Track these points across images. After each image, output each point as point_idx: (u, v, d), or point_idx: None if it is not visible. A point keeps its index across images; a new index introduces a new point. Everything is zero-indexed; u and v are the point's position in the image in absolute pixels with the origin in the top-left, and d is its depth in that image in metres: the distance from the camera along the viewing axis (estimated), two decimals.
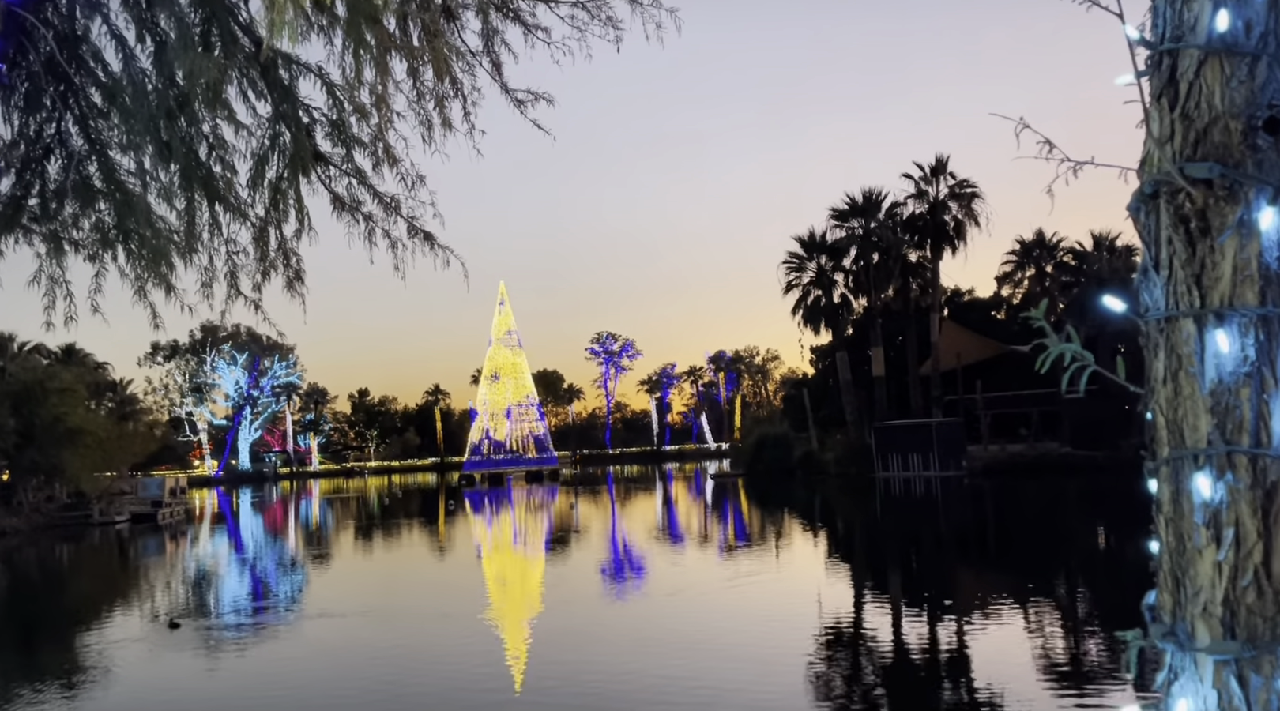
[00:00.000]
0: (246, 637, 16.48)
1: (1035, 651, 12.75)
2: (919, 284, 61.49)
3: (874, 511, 38.93)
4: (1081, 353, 1.55)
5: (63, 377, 54.74)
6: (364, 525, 44.53)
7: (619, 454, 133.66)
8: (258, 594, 22.69)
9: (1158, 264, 1.44)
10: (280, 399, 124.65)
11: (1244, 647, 1.29)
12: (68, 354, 75.62)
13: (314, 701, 11.39)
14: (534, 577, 23.32)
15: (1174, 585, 1.41)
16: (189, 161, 6.75)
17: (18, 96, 6.69)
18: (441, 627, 16.33)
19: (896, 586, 19.72)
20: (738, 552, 25.73)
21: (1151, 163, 1.44)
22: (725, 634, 14.28)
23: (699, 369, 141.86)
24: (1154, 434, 1.46)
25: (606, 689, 11.25)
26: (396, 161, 7.20)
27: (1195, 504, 1.36)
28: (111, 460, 56.80)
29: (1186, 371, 1.39)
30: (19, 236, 7.72)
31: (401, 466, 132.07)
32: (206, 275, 7.42)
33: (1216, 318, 1.35)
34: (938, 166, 58.75)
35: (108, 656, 15.02)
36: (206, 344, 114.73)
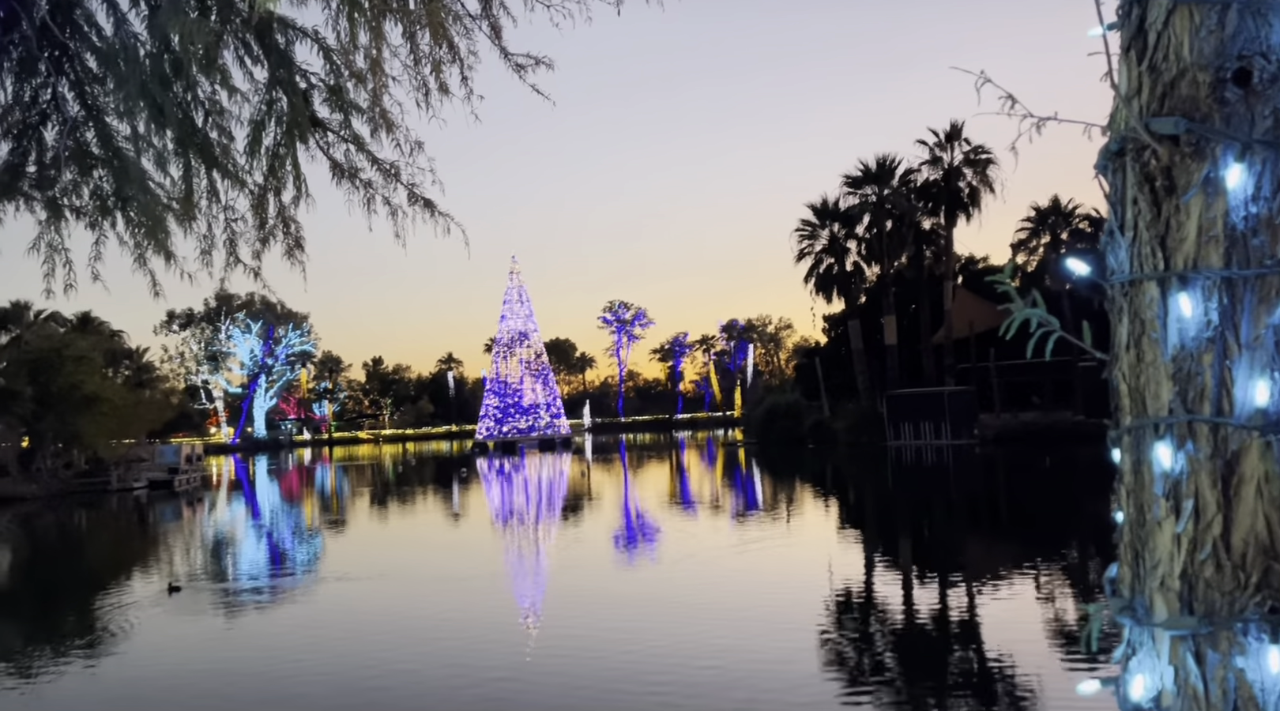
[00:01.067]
0: (261, 601, 16.65)
1: (1046, 619, 12.75)
2: (933, 251, 61.03)
3: (885, 479, 38.93)
4: (1047, 318, 1.50)
5: (79, 345, 55.13)
6: (379, 492, 44.87)
7: (631, 422, 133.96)
8: (275, 558, 22.92)
9: (1123, 225, 1.38)
10: (295, 367, 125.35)
11: (1201, 623, 1.24)
12: (83, 322, 76.11)
13: (324, 664, 11.51)
14: (546, 543, 23.46)
15: (1133, 558, 1.37)
16: (185, 128, 6.69)
17: (11, 61, 6.64)
18: (455, 590, 16.46)
19: (907, 554, 19.73)
20: (748, 520, 25.79)
21: (1118, 119, 1.38)
22: (735, 599, 14.35)
23: (711, 337, 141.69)
24: (1117, 402, 1.41)
25: (616, 651, 11.33)
26: (393, 127, 7.11)
27: (1155, 474, 1.32)
28: (128, 427, 57.30)
29: (1149, 337, 1.33)
30: (19, 203, 7.71)
31: (415, 434, 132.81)
32: (205, 242, 7.39)
33: (1180, 281, 1.29)
34: (952, 133, 58.09)
35: (112, 619, 15.22)
36: (221, 312, 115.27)
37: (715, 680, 9.93)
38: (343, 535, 27.91)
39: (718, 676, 10.07)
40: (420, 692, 10.12)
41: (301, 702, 10.04)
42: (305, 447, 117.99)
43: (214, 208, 7.50)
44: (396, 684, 10.45)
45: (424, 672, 10.91)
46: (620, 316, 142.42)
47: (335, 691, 10.30)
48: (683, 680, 9.98)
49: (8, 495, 42.88)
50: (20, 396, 46.46)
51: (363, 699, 9.92)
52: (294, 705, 9.99)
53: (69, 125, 6.81)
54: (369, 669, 11.13)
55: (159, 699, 10.50)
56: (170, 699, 10.47)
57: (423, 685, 10.41)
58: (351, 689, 10.33)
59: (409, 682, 10.51)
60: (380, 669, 11.11)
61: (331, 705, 9.85)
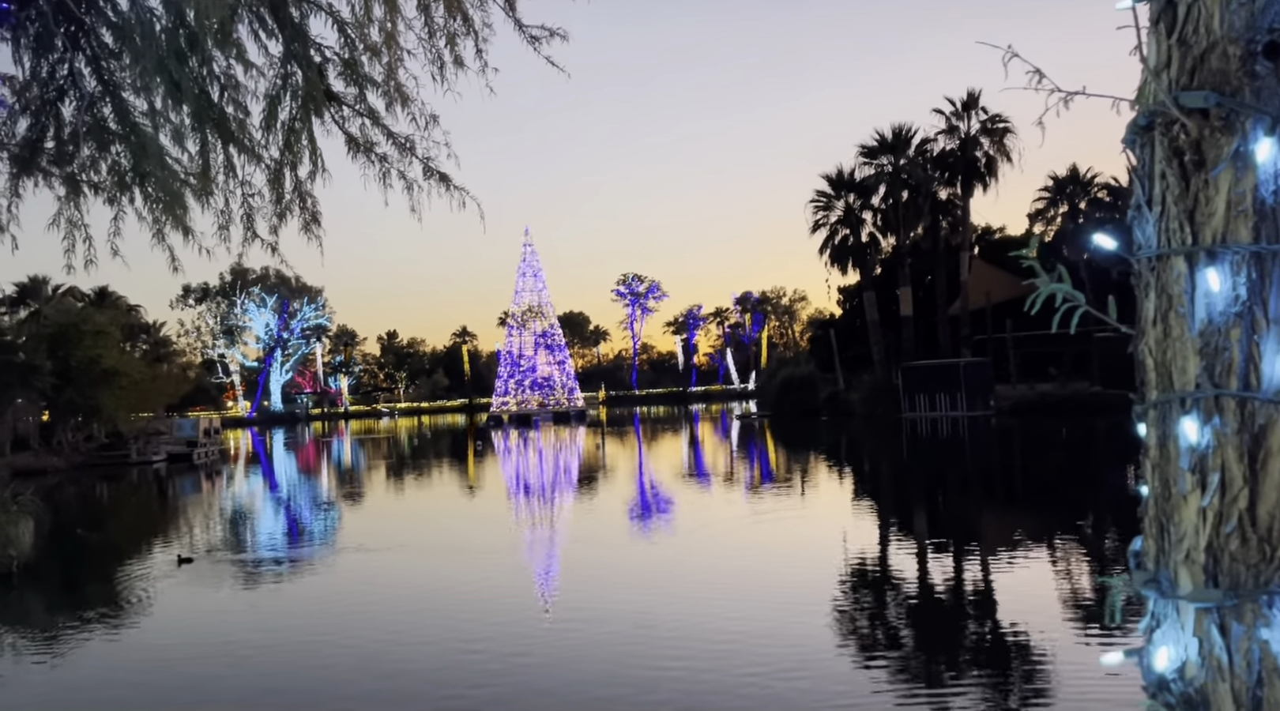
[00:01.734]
0: (279, 571, 16.84)
1: (1061, 590, 12.78)
2: (949, 222, 60.62)
3: (899, 451, 38.93)
4: (1072, 292, 1.50)
5: (96, 320, 55.54)
6: (395, 464, 45.21)
7: (645, 395, 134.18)
8: (293, 530, 23.17)
9: (1150, 200, 1.38)
10: (310, 341, 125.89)
11: (1226, 595, 1.25)
12: (101, 297, 76.55)
13: (340, 636, 11.66)
14: (561, 514, 23.62)
15: (1158, 531, 1.38)
16: (201, 103, 6.71)
17: (28, 37, 6.65)
18: (472, 561, 16.62)
19: (921, 526, 19.77)
20: (763, 491, 25.88)
21: (1147, 92, 1.37)
22: (749, 570, 14.43)
23: (725, 310, 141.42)
24: (1143, 376, 1.42)
25: (630, 621, 11.43)
26: (408, 100, 7.11)
27: (1181, 448, 1.32)
28: (147, 401, 57.83)
29: (1176, 312, 1.33)
30: (38, 179, 7.76)
31: (430, 407, 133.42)
32: (223, 217, 7.44)
33: (1208, 255, 1.29)
34: (969, 101, 57.49)
35: (127, 589, 15.44)
36: (236, 286, 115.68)
37: (730, 652, 10.02)
38: (360, 507, 28.16)
39: (732, 649, 10.15)
40: (440, 666, 10.25)
41: (319, 675, 10.18)
42: (321, 421, 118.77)
43: (231, 183, 7.53)
44: (414, 655, 10.59)
45: (442, 645, 11.05)
46: (634, 289, 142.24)
47: (356, 663, 10.44)
48: (697, 653, 10.07)
49: (30, 468, 43.41)
50: (40, 370, 46.88)
51: (384, 669, 10.06)
52: (312, 677, 10.14)
53: (86, 101, 6.83)
54: (385, 641, 11.28)
55: (175, 668, 10.67)
56: (188, 670, 10.64)
57: (441, 657, 10.54)
58: (369, 661, 10.47)
59: (428, 655, 10.64)
60: (395, 640, 11.25)
61: (351, 677, 9.99)
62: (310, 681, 9.93)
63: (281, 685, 9.87)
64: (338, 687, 9.57)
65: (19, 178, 7.35)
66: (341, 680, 9.81)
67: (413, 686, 9.46)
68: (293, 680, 10.05)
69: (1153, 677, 1.36)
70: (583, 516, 23.38)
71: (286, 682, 9.96)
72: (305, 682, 9.90)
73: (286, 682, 9.96)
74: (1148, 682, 1.37)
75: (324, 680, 9.90)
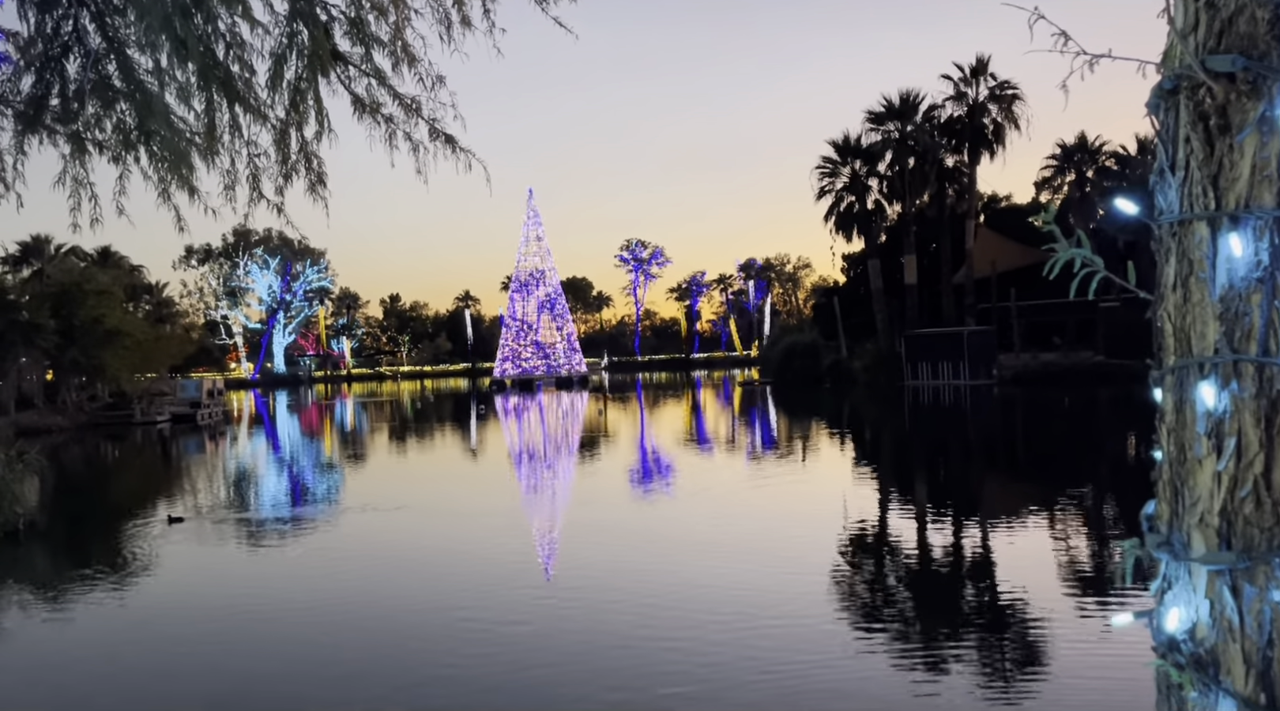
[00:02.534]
0: (283, 531, 16.97)
1: (1059, 558, 12.87)
2: (955, 189, 60.26)
3: (901, 419, 39.03)
4: (1091, 257, 1.50)
5: (100, 280, 55.54)
6: (398, 427, 45.38)
7: (648, 361, 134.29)
8: (295, 490, 23.32)
9: (1174, 164, 1.37)
10: (313, 303, 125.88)
11: (1239, 558, 1.27)
12: (104, 256, 76.47)
13: (338, 596, 11.78)
14: (563, 478, 23.75)
15: (1172, 495, 1.39)
16: (206, 60, 6.65)
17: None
18: (474, 523, 16.75)
19: (922, 493, 19.87)
20: (764, 458, 25.98)
21: (1173, 56, 1.36)
22: (748, 535, 14.54)
23: (729, 276, 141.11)
24: (1161, 342, 1.42)
25: (630, 584, 11.54)
26: (415, 60, 7.05)
27: (1198, 413, 1.33)
28: (150, 361, 57.94)
29: (1197, 277, 1.33)
30: (43, 137, 7.71)
31: (433, 371, 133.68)
32: (228, 177, 7.40)
33: (1231, 220, 1.29)
34: (978, 67, 56.93)
35: (122, 547, 15.58)
36: (239, 248, 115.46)
37: (729, 621, 10.11)
38: (363, 469, 28.32)
39: (733, 617, 10.25)
40: (441, 635, 10.36)
41: (301, 637, 10.30)
42: (324, 384, 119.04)
43: (236, 142, 7.48)
44: (407, 623, 10.70)
45: (439, 612, 11.16)
46: (638, 255, 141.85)
47: (350, 624, 10.56)
48: (697, 622, 10.17)
49: (35, 427, 43.62)
50: (44, 329, 46.96)
51: (386, 635, 10.16)
52: (297, 639, 10.26)
53: (91, 58, 6.77)
54: (382, 604, 11.39)
55: (167, 627, 10.79)
56: (181, 630, 10.76)
57: (437, 625, 10.65)
58: (364, 625, 10.59)
59: (417, 623, 10.75)
60: (389, 605, 11.37)
61: (348, 637, 10.11)
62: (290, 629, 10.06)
63: (261, 644, 10.00)
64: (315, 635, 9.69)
65: (24, 135, 7.31)
66: (329, 637, 9.94)
67: (404, 656, 9.57)
68: (268, 642, 10.17)
69: (1163, 638, 1.38)
70: (584, 482, 23.51)
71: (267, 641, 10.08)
72: (291, 630, 10.02)
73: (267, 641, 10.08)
74: (1158, 643, 1.39)
75: (301, 641, 10.02)
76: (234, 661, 9.39)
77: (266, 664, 9.34)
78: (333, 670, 8.94)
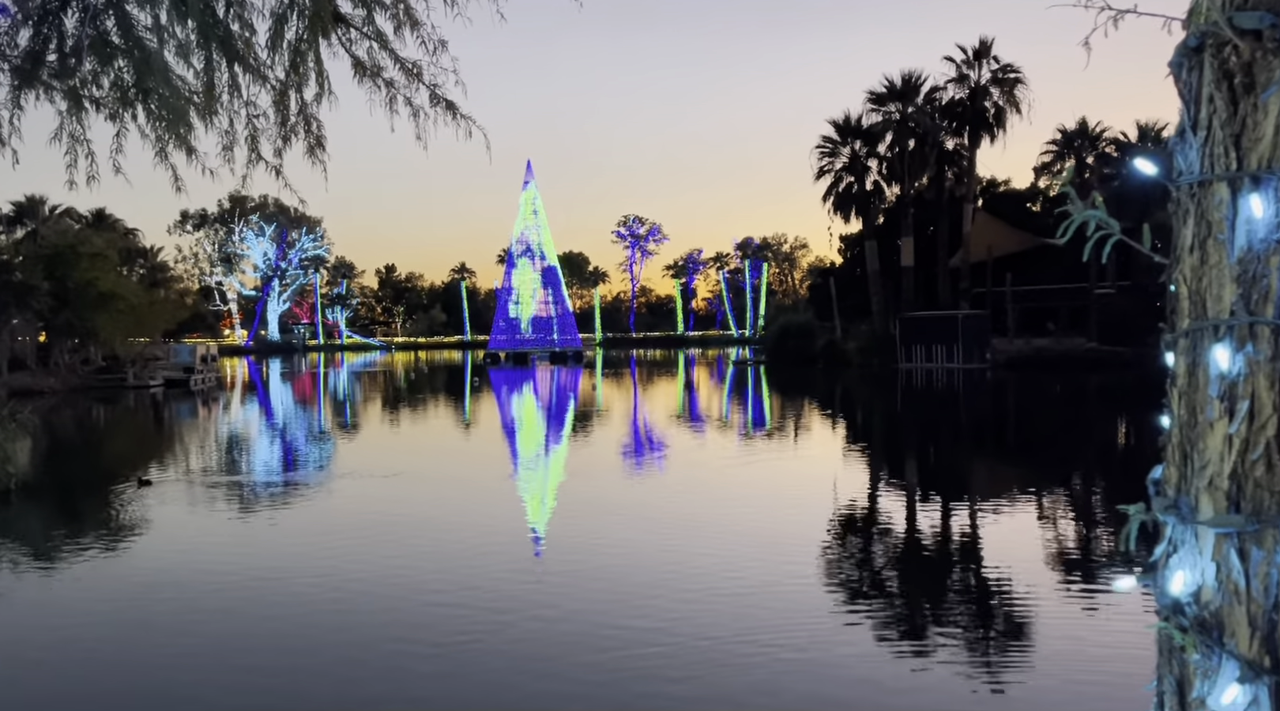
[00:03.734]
0: (274, 494, 16.99)
1: (1046, 539, 12.94)
2: (954, 172, 60.15)
3: (894, 401, 39.12)
4: (1106, 220, 1.48)
5: (94, 242, 55.25)
6: (391, 398, 45.37)
7: (642, 338, 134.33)
8: (288, 456, 23.34)
9: (1195, 124, 1.36)
10: (308, 271, 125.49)
11: (1248, 521, 1.26)
12: (98, 219, 76.03)
13: (323, 560, 11.81)
14: (555, 451, 23.79)
15: (1181, 459, 1.38)
16: (206, 18, 6.58)
17: None
18: (463, 492, 16.79)
19: (912, 474, 19.95)
20: (755, 437, 26.05)
21: (1199, 13, 1.34)
22: (737, 513, 14.58)
23: (726, 255, 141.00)
24: (1175, 305, 1.41)
25: (618, 559, 11.59)
26: (417, 24, 6.99)
27: (1211, 376, 1.32)
28: (144, 326, 57.77)
29: (1215, 238, 1.32)
30: (39, 93, 7.63)
31: (427, 343, 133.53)
32: (227, 138, 7.34)
33: (1252, 181, 1.27)
34: (981, 49, 56.67)
35: (115, 507, 15.60)
36: (235, 214, 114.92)
37: (715, 599, 10.17)
38: (355, 437, 28.33)
39: (718, 596, 10.30)
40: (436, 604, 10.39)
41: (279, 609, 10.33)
42: (318, 352, 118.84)
43: (235, 103, 7.41)
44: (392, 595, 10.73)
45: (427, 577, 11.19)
46: (635, 231, 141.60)
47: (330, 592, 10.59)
48: (681, 600, 10.22)
49: (27, 388, 43.50)
50: (37, 291, 46.76)
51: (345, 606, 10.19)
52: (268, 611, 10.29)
53: (89, 12, 6.69)
54: (356, 568, 11.43)
55: (140, 593, 10.82)
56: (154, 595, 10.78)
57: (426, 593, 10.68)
58: (342, 589, 10.62)
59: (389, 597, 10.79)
60: (366, 573, 11.40)
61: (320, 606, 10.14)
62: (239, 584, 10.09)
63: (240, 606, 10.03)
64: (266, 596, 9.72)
65: (20, 90, 7.23)
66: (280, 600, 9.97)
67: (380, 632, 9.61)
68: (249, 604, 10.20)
69: (1167, 601, 1.38)
70: (576, 456, 23.55)
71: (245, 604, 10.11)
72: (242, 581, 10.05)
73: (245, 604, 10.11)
74: (1161, 606, 1.39)
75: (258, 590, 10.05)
76: (208, 628, 9.42)
77: (239, 626, 9.37)
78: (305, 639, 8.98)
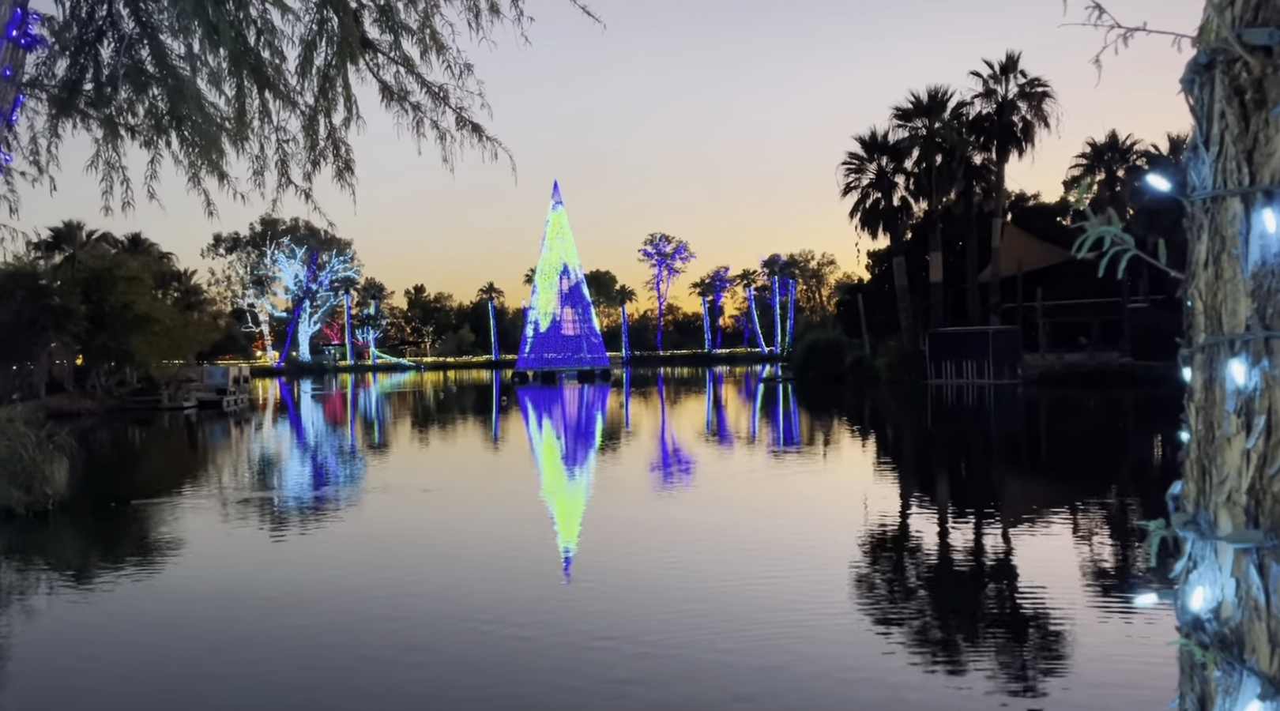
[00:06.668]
0: (311, 513, 17.13)
1: (1082, 557, 12.76)
2: (982, 187, 59.82)
3: (924, 418, 38.80)
4: (1121, 236, 1.49)
5: (130, 266, 56.11)
6: (421, 417, 45.63)
7: (670, 356, 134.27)
8: (319, 474, 23.53)
9: (1208, 140, 1.36)
10: (338, 293, 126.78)
11: (1267, 536, 1.26)
12: (134, 243, 77.22)
13: (359, 570, 11.88)
14: (584, 469, 23.80)
15: (1199, 474, 1.38)
16: (237, 46, 6.71)
17: None
18: (494, 509, 16.84)
19: (944, 491, 19.76)
20: (785, 454, 25.93)
21: (1209, 29, 1.35)
22: (769, 530, 14.51)
23: (752, 272, 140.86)
24: (1191, 320, 1.41)
25: (652, 576, 11.56)
26: (443, 48, 7.10)
27: (1228, 391, 1.32)
28: (178, 348, 58.52)
29: (1229, 253, 1.32)
30: (76, 121, 7.82)
31: (456, 362, 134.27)
32: (258, 163, 7.49)
33: (1265, 196, 1.27)
34: (1008, 64, 56.45)
35: (155, 528, 15.78)
36: (266, 237, 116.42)
37: (747, 615, 10.11)
38: (386, 456, 28.51)
39: (750, 612, 10.24)
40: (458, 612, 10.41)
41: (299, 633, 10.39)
42: (348, 373, 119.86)
43: (266, 128, 7.56)
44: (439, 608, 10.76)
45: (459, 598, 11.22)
46: (661, 249, 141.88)
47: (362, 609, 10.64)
48: (713, 615, 10.17)
49: (65, 410, 44.16)
50: (75, 314, 47.54)
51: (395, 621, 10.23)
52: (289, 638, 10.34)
53: (125, 43, 6.85)
54: (392, 589, 11.47)
55: (185, 608, 10.92)
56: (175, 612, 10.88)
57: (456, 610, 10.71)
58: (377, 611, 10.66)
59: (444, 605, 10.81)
60: (400, 590, 11.44)
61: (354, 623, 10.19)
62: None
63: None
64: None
65: (58, 119, 7.42)
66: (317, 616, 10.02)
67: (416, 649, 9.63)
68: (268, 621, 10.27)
69: (1187, 618, 1.37)
70: (605, 473, 23.55)
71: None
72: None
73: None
74: (1182, 623, 1.39)
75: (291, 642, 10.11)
76: (249, 652, 9.49)
77: (284, 648, 9.43)
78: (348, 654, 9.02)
